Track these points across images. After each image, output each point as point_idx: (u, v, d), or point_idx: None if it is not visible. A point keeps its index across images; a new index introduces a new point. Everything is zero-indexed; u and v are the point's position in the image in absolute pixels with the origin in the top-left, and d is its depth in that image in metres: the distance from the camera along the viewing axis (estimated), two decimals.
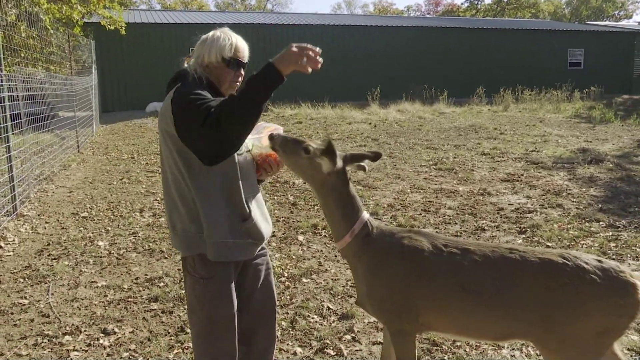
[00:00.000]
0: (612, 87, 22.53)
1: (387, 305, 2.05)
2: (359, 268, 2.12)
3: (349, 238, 2.08)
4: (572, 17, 45.80)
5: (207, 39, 2.09)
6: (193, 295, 2.14)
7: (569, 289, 1.86)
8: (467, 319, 2.01)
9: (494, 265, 1.97)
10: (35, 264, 4.37)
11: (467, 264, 1.98)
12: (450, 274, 1.99)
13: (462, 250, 2.02)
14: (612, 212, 5.56)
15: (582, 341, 1.86)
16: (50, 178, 7.63)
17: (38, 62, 9.47)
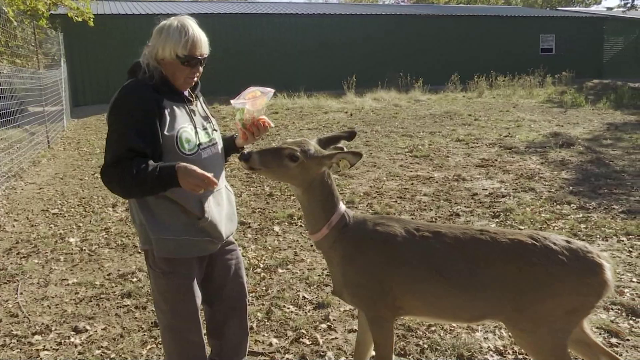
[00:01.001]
0: (583, 71, 22.92)
1: (363, 292, 2.06)
2: (334, 258, 2.12)
3: (326, 230, 2.08)
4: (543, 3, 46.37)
5: (162, 30, 1.98)
6: (156, 289, 2.13)
7: (538, 269, 1.89)
8: (441, 302, 2.03)
9: (466, 248, 1.99)
10: (3, 263, 4.26)
11: (439, 247, 2.00)
12: (423, 258, 2.01)
13: (434, 234, 2.04)
14: (582, 194, 5.67)
15: (551, 320, 1.90)
16: (19, 175, 7.42)
17: (3, 55, 9.18)
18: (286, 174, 2.03)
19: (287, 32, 19.95)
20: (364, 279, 2.05)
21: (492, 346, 2.87)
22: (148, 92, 1.93)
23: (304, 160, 2.00)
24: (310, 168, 2.02)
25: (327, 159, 2.01)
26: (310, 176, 2.05)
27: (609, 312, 3.19)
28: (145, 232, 2.02)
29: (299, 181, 2.06)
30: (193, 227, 2.03)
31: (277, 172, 2.04)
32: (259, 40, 19.41)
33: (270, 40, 19.42)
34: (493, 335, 2.98)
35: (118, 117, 1.92)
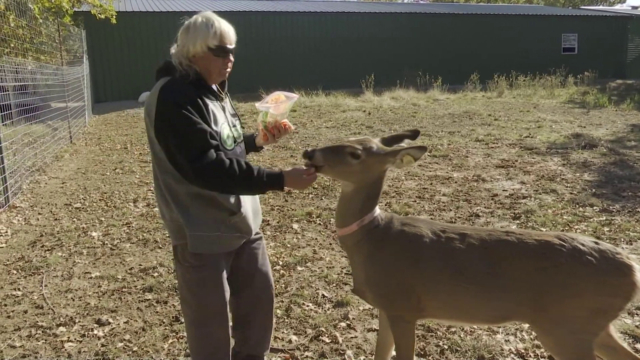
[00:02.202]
0: (605, 71, 22.52)
1: (385, 291, 2.06)
2: (357, 256, 2.11)
3: (356, 227, 2.06)
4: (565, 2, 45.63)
5: (189, 28, 2.00)
6: (184, 284, 2.15)
7: (564, 269, 1.87)
8: (464, 304, 2.01)
9: (490, 249, 1.98)
10: (28, 255, 4.35)
11: (463, 249, 1.99)
12: (446, 260, 2.00)
13: (459, 235, 2.03)
14: (605, 197, 5.57)
15: (576, 321, 1.87)
16: (42, 169, 7.56)
17: (28, 52, 9.35)
18: (347, 171, 2.01)
19: (305, 30, 19.96)
20: (386, 278, 2.05)
21: (514, 348, 2.85)
22: (191, 91, 1.96)
23: (366, 157, 1.99)
24: (372, 165, 2.01)
25: (391, 155, 2.00)
26: (371, 174, 2.03)
27: (634, 317, 3.13)
28: (177, 228, 2.05)
29: (358, 178, 2.03)
30: (224, 223, 2.07)
31: (338, 169, 2.02)
32: (277, 39, 19.46)
33: (288, 38, 19.46)
34: (514, 338, 2.95)
35: (180, 115, 1.89)
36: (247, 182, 1.92)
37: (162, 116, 1.92)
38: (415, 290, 2.02)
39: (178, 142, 1.89)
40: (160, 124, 1.92)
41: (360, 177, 2.03)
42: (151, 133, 1.98)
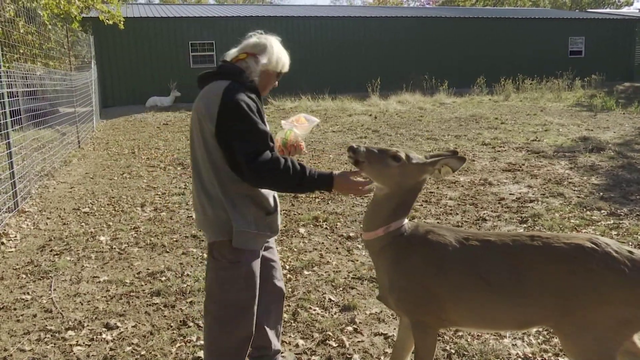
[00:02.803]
0: (613, 74, 22.41)
1: (408, 297, 2.07)
2: (382, 261, 2.13)
3: (382, 232, 2.10)
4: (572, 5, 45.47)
5: (272, 47, 2.23)
6: (216, 280, 2.19)
7: (594, 275, 1.84)
8: (489, 311, 2.01)
9: (516, 254, 1.96)
10: (37, 259, 4.39)
11: (487, 256, 1.99)
12: (469, 267, 2.00)
13: (483, 242, 2.03)
14: (613, 200, 5.54)
15: (600, 328, 1.85)
16: (51, 174, 7.63)
17: (37, 57, 9.46)
18: (386, 172, 2.07)
19: (311, 35, 20.03)
20: (410, 284, 2.06)
21: (521, 353, 2.84)
22: (252, 96, 2.12)
23: (406, 163, 2.06)
24: (410, 172, 2.07)
25: (430, 165, 2.07)
26: (408, 180, 2.08)
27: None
28: (220, 225, 2.12)
29: (394, 182, 2.08)
30: (262, 221, 2.18)
31: (378, 168, 2.07)
32: (284, 44, 19.52)
33: (294, 43, 19.51)
34: (522, 342, 2.94)
35: (246, 116, 2.03)
36: (300, 182, 2.06)
37: (227, 116, 2.03)
38: (439, 298, 2.03)
39: (241, 141, 2.02)
40: (225, 123, 2.03)
41: (397, 181, 2.08)
42: (206, 132, 2.07)
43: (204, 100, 2.09)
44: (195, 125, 2.13)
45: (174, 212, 5.65)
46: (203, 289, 3.70)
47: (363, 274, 3.94)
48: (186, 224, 5.24)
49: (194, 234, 4.94)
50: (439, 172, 2.07)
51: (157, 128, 12.61)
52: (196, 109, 2.11)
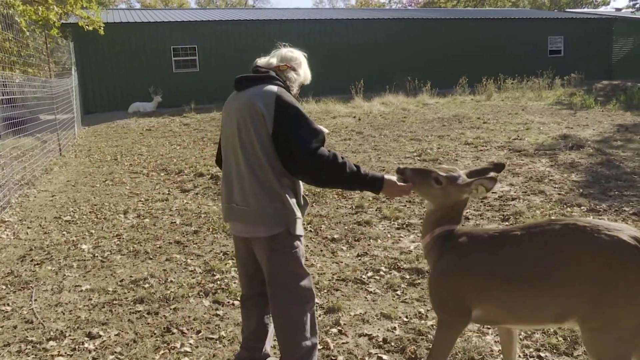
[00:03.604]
0: (592, 73, 22.78)
1: (438, 296, 2.21)
2: (429, 265, 2.33)
3: (429, 238, 2.28)
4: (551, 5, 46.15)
5: (304, 62, 2.55)
6: (286, 268, 2.36)
7: (633, 271, 1.82)
8: (521, 305, 2.02)
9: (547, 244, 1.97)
10: (17, 270, 4.32)
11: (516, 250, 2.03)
12: (498, 264, 2.05)
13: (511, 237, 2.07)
14: (593, 197, 5.64)
15: (627, 329, 1.84)
16: (31, 182, 7.53)
17: (15, 65, 9.32)
18: (429, 192, 2.29)
19: (294, 38, 19.92)
20: (439, 285, 2.20)
21: None
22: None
23: (447, 185, 2.23)
24: (451, 193, 2.24)
25: (467, 186, 2.21)
26: (450, 200, 2.26)
27: None
28: (279, 217, 2.28)
29: (438, 201, 2.29)
30: (301, 210, 2.41)
31: (421, 189, 2.31)
32: (266, 47, 19.45)
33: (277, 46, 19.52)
34: None
35: (302, 115, 2.24)
36: (353, 179, 2.22)
37: (285, 115, 2.22)
38: (466, 298, 2.11)
39: (301, 138, 2.18)
40: (283, 121, 2.21)
41: (440, 200, 2.28)
42: (262, 131, 2.23)
43: (259, 100, 2.24)
44: (246, 124, 2.26)
45: (157, 219, 5.61)
46: (187, 295, 3.68)
47: (347, 275, 3.95)
48: (169, 230, 5.20)
49: (178, 240, 4.91)
50: (476, 191, 2.20)
51: (140, 134, 12.51)
52: (248, 109, 2.26)
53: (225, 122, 2.41)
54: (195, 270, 4.18)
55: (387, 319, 3.28)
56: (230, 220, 2.43)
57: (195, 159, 8.89)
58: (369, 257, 4.32)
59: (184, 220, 5.52)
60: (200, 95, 18.36)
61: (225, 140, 2.39)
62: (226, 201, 2.39)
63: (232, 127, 2.32)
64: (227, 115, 2.39)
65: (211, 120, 14.23)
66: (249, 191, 2.28)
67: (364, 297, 3.61)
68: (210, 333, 3.19)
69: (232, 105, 2.37)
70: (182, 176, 7.64)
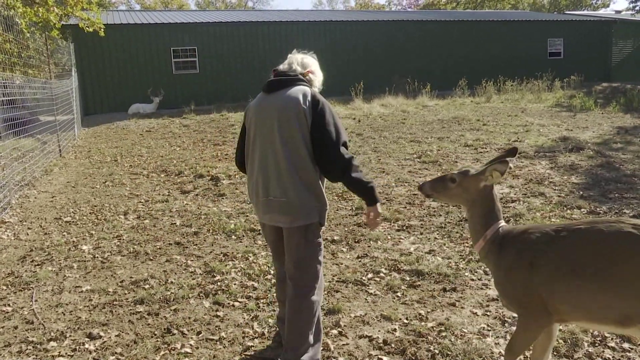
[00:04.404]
0: (591, 75, 22.82)
1: (511, 295, 2.22)
2: (490, 266, 2.37)
3: (482, 242, 2.34)
4: (551, 7, 46.23)
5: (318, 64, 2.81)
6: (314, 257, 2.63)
7: None
8: (586, 302, 2.03)
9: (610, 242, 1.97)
10: (18, 270, 4.32)
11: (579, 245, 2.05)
12: (562, 259, 2.06)
13: (573, 232, 2.08)
14: (592, 199, 5.65)
15: None
16: (32, 183, 7.53)
17: (15, 66, 9.32)
18: (451, 193, 2.41)
19: (294, 40, 20.05)
20: (509, 283, 2.21)
21: (504, 352, 2.87)
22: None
23: (461, 180, 2.37)
24: (469, 186, 2.36)
25: (481, 174, 2.32)
26: (472, 193, 2.36)
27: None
28: (311, 208, 2.55)
29: (463, 199, 2.41)
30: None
31: (444, 193, 2.44)
32: (266, 49, 19.55)
33: (277, 48, 19.51)
34: (504, 341, 2.98)
35: (333, 114, 2.55)
36: (367, 181, 2.53)
37: (321, 113, 2.50)
38: (536, 293, 2.11)
39: (336, 136, 2.49)
40: (319, 118, 2.49)
41: (464, 197, 2.39)
42: (303, 126, 2.47)
43: (299, 98, 2.49)
44: (289, 120, 2.48)
45: (158, 220, 5.61)
46: (187, 296, 3.69)
47: (347, 277, 3.95)
48: (170, 231, 5.21)
49: (178, 241, 4.92)
50: (491, 177, 2.29)
51: (139, 135, 12.51)
52: (291, 107, 2.48)
53: (256, 122, 2.59)
54: (195, 271, 4.19)
55: (388, 321, 3.28)
56: (268, 213, 2.61)
57: (195, 160, 8.89)
58: (369, 258, 4.33)
59: (184, 221, 5.53)
60: (200, 96, 18.37)
61: (261, 138, 2.56)
62: (263, 195, 2.58)
63: (270, 125, 2.52)
64: (260, 116, 2.58)
65: (211, 121, 14.24)
66: (288, 185, 2.50)
67: (364, 299, 3.61)
68: (211, 334, 3.19)
69: (266, 105, 2.57)
70: (182, 177, 7.64)
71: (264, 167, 2.56)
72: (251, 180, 2.67)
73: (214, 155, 9.29)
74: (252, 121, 2.62)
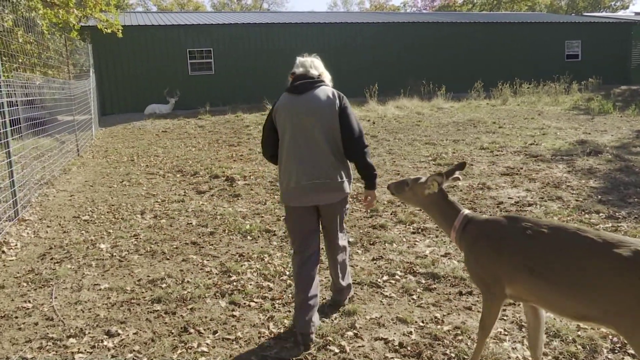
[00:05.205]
0: (610, 78, 22.51)
1: (478, 276, 2.50)
2: (463, 250, 2.66)
3: (454, 233, 2.65)
4: (568, 8, 45.70)
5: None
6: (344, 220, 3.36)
7: None
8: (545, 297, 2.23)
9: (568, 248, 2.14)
10: (38, 267, 4.40)
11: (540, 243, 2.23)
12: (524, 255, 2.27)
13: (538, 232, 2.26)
14: (611, 203, 5.57)
15: None
16: (50, 182, 7.65)
17: (36, 67, 9.49)
18: (405, 196, 2.86)
19: (309, 41, 20.10)
20: (478, 265, 2.48)
21: (521, 356, 2.85)
22: None
23: (412, 185, 2.79)
24: (417, 191, 2.78)
25: (424, 183, 2.75)
26: (420, 198, 2.77)
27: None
28: (349, 182, 3.18)
29: (414, 202, 2.84)
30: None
31: (401, 195, 2.88)
32: (281, 50, 19.61)
33: (291, 49, 19.56)
34: (521, 346, 2.96)
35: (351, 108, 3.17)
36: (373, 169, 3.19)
37: (347, 107, 3.10)
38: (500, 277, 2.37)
39: (355, 124, 3.10)
40: (344, 111, 3.08)
41: (415, 200, 2.82)
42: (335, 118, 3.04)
43: (329, 96, 3.07)
44: (325, 114, 3.03)
45: (174, 219, 5.67)
46: (203, 295, 3.72)
47: (363, 279, 3.95)
48: (186, 231, 5.25)
49: (194, 240, 4.96)
50: (432, 186, 2.70)
51: (155, 135, 12.64)
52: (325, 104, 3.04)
53: (293, 119, 3.04)
54: (211, 271, 4.22)
55: (403, 323, 3.28)
56: (309, 195, 3.05)
57: (210, 160, 8.96)
58: (384, 261, 4.32)
59: (199, 221, 5.57)
60: (215, 97, 18.49)
61: (301, 133, 3.03)
62: (306, 180, 3.03)
63: (311, 121, 3.02)
64: (297, 114, 3.04)
65: (226, 122, 14.33)
66: (331, 167, 3.05)
67: (380, 301, 3.61)
68: (227, 334, 3.22)
69: (301, 105, 3.05)
70: (197, 178, 7.70)
71: (306, 156, 3.02)
72: (287, 169, 3.07)
73: (229, 156, 9.35)
74: (287, 119, 3.05)
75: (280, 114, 3.08)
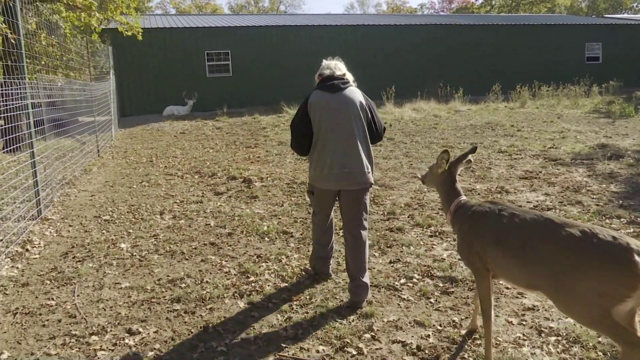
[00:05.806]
0: (631, 80, 22.14)
1: (464, 254, 2.85)
2: (456, 233, 3.02)
3: (449, 216, 3.05)
4: (589, 10, 45.05)
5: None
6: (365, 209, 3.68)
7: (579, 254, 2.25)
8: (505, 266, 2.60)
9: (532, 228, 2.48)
10: (60, 266, 4.49)
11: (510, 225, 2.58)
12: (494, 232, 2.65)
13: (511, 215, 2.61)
14: (633, 208, 5.49)
15: (583, 298, 2.21)
16: (72, 182, 7.79)
17: (58, 68, 9.67)
18: (428, 180, 3.33)
19: (326, 43, 20.14)
20: (463, 244, 2.84)
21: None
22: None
23: (430, 169, 3.28)
24: (434, 172, 3.23)
25: (435, 165, 3.20)
26: (436, 179, 3.23)
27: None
28: (370, 175, 3.57)
29: (433, 183, 3.28)
30: None
31: (426, 182, 3.36)
32: (298, 52, 19.69)
33: (308, 52, 19.63)
34: (540, 351, 2.94)
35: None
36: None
37: (371, 103, 3.63)
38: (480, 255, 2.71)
39: (379, 119, 3.67)
40: (371, 108, 3.61)
41: (433, 181, 3.28)
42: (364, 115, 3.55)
43: (359, 95, 3.57)
44: (357, 111, 3.51)
45: (192, 220, 5.73)
46: (222, 296, 3.76)
47: (380, 281, 3.96)
48: (204, 232, 5.31)
49: (212, 241, 5.01)
50: (442, 164, 3.12)
51: (174, 137, 12.78)
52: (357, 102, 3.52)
53: (329, 114, 3.47)
54: (229, 271, 4.26)
55: (421, 327, 3.28)
56: (340, 182, 3.49)
57: (227, 162, 9.03)
58: (401, 263, 4.32)
59: (218, 222, 5.63)
60: (232, 99, 18.65)
61: (338, 126, 3.46)
62: (338, 168, 3.46)
63: (347, 116, 3.47)
64: (331, 109, 3.48)
65: (243, 124, 14.43)
66: (363, 159, 3.50)
67: (397, 304, 3.61)
68: (245, 334, 3.25)
69: (336, 102, 3.49)
70: (215, 179, 7.78)
71: (341, 147, 3.45)
72: (322, 157, 3.49)
73: (246, 158, 9.42)
74: (323, 114, 3.47)
75: (316, 108, 3.49)
